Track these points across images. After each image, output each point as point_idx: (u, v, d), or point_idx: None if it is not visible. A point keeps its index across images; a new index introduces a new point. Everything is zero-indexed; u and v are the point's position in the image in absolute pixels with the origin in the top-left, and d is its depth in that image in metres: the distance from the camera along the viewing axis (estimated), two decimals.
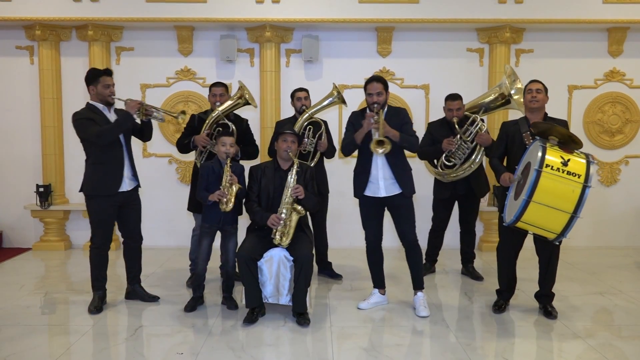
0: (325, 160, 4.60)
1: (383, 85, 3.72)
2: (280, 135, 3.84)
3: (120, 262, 4.38)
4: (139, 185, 4.00)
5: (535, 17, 5.40)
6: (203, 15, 5.38)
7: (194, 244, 4.38)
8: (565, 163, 3.27)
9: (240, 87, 4.22)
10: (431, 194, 4.73)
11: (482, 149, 4.39)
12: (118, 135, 3.76)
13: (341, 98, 4.42)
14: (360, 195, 3.84)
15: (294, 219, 3.68)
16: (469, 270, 4.74)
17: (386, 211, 3.89)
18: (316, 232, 4.56)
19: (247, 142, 4.42)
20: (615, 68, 5.81)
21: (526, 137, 3.64)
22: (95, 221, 3.82)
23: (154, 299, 4.04)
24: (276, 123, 4.73)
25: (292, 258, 3.63)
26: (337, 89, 4.42)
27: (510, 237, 3.72)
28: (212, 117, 4.16)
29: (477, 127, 4.39)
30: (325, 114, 4.71)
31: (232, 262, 3.88)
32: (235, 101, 4.22)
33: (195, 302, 3.87)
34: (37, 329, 3.53)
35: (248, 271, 3.57)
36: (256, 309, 3.65)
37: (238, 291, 4.00)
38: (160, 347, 3.26)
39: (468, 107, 4.63)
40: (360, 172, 3.83)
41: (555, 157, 3.29)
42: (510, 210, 3.52)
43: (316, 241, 4.56)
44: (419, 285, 3.87)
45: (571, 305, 3.97)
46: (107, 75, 3.78)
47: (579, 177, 3.24)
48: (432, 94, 5.78)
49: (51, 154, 5.69)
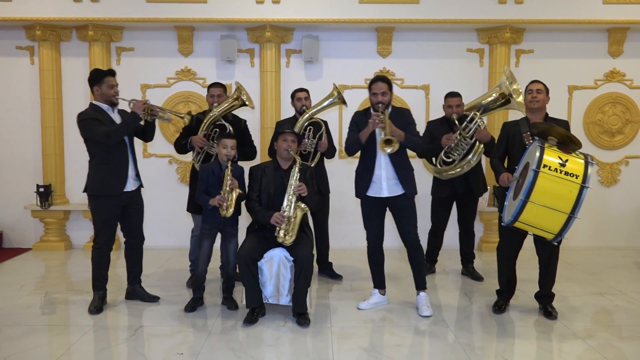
0: (326, 160, 4.60)
1: (387, 85, 3.73)
2: (280, 135, 3.84)
3: (121, 263, 4.39)
4: (141, 185, 4.01)
5: (535, 18, 5.40)
6: (203, 16, 5.38)
7: (194, 245, 4.39)
8: (564, 163, 3.27)
9: (238, 87, 4.21)
10: (430, 193, 4.73)
11: (481, 146, 4.39)
12: (125, 135, 3.78)
13: (341, 98, 4.42)
14: (362, 196, 3.84)
15: (298, 216, 3.68)
16: (469, 271, 4.74)
17: (387, 211, 3.89)
18: (318, 232, 4.57)
19: (245, 143, 4.40)
20: (615, 68, 5.82)
21: (526, 137, 3.64)
22: (99, 221, 3.81)
23: (154, 299, 4.04)
24: (276, 123, 4.73)
25: (292, 258, 3.63)
26: (338, 89, 4.42)
27: (510, 238, 3.72)
28: (209, 117, 4.17)
29: (477, 124, 4.39)
30: (326, 115, 4.71)
31: (233, 263, 3.88)
32: (231, 102, 4.21)
33: (196, 303, 3.87)
34: (38, 329, 3.53)
35: (248, 271, 3.57)
36: (256, 309, 3.65)
37: (238, 291, 4.00)
38: (161, 347, 3.26)
39: (468, 107, 4.62)
40: (363, 172, 3.82)
41: (553, 157, 3.29)
42: (508, 210, 3.53)
43: (317, 242, 4.57)
44: (421, 285, 3.87)
45: (571, 306, 3.97)
46: (111, 76, 3.80)
47: (577, 178, 3.24)
48: (432, 94, 5.78)
49: (51, 154, 5.69)
